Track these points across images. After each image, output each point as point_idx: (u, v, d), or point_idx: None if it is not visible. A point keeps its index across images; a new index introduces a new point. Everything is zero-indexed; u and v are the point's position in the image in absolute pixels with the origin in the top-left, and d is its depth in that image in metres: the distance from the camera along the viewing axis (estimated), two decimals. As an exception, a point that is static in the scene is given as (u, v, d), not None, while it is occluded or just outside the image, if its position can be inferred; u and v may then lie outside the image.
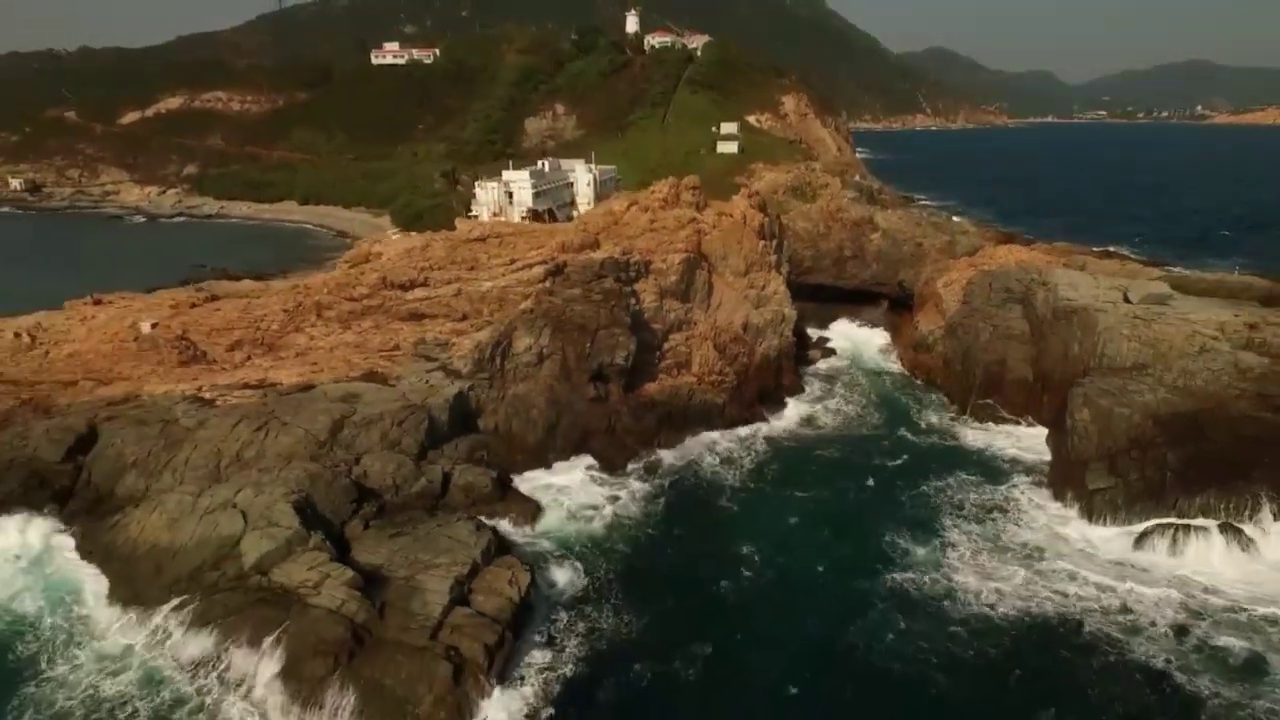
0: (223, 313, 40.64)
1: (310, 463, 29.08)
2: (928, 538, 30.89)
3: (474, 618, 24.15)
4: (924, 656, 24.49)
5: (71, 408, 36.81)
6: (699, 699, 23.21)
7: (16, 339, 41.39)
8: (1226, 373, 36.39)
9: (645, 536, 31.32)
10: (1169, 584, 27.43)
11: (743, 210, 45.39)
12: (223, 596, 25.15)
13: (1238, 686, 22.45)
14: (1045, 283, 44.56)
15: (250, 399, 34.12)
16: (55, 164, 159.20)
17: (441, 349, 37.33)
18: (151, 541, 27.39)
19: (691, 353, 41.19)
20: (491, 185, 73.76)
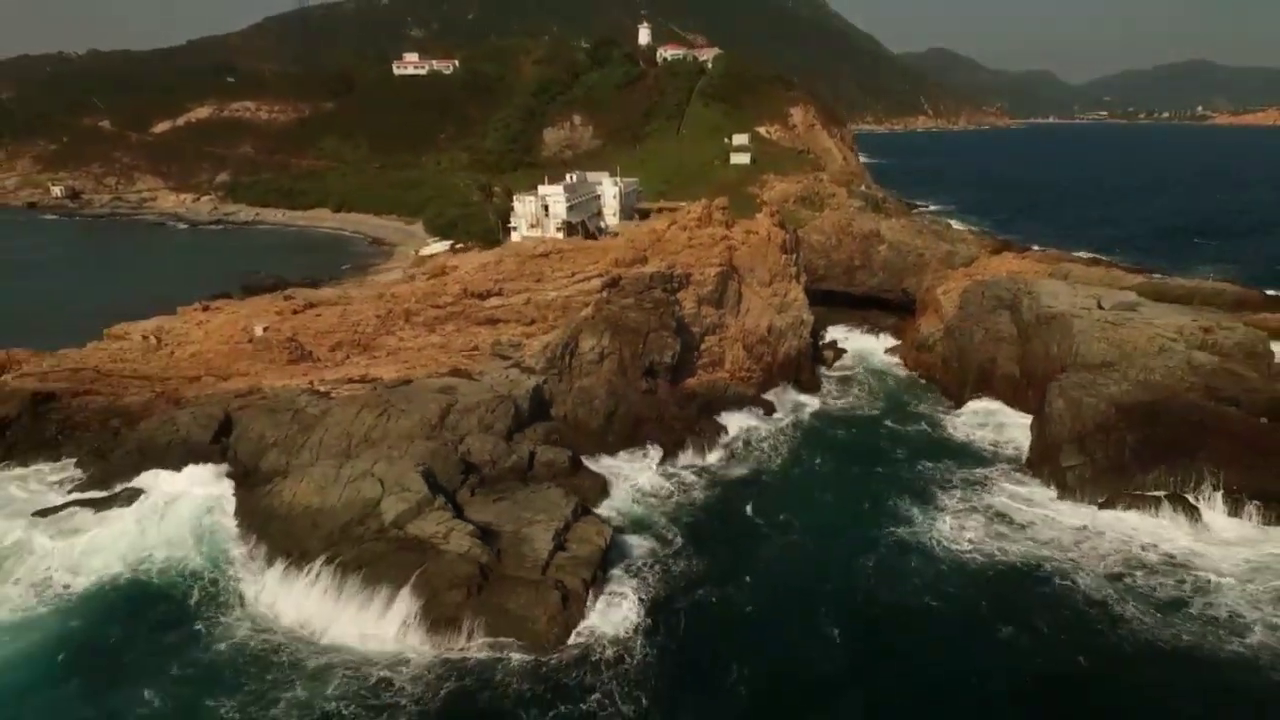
0: (324, 318, 47.34)
1: (426, 441, 35.75)
2: (924, 503, 37.59)
3: (572, 559, 30.85)
4: (915, 588, 31.26)
5: (201, 399, 43.60)
6: (746, 615, 29.91)
7: (145, 340, 48.19)
8: (1180, 369, 43.03)
9: (695, 503, 37.99)
10: (1119, 541, 34.01)
11: (767, 228, 52.05)
12: (370, 545, 31.82)
13: (1157, 615, 29.04)
14: (1030, 292, 51.19)
15: (360, 391, 40.80)
16: (93, 172, 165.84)
17: (515, 349, 44.00)
18: (304, 504, 34.03)
19: (724, 352, 47.86)
20: (529, 199, 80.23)
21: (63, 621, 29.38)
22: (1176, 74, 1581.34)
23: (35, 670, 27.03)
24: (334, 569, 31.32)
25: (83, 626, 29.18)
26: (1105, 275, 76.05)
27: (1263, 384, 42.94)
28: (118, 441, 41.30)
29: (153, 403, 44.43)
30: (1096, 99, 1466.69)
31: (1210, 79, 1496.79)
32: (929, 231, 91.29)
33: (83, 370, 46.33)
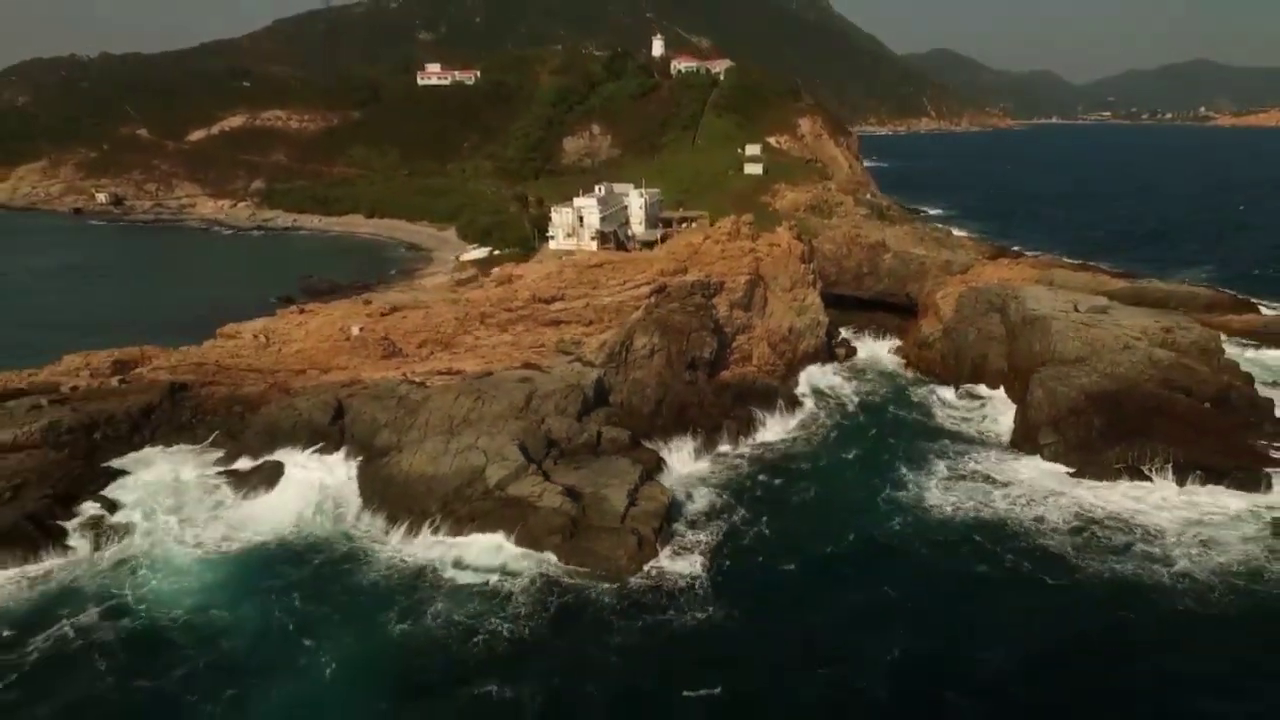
0: (409, 319, 55.16)
1: (516, 421, 43.56)
2: (924, 471, 45.39)
3: (642, 513, 38.63)
4: (911, 536, 39.11)
5: (309, 389, 51.35)
6: (776, 555, 37.65)
7: (255, 339, 56.06)
8: (1142, 363, 50.69)
9: (732, 473, 45.78)
10: (1082, 502, 41.70)
11: (787, 241, 59.81)
12: (479, 503, 39.67)
13: (1107, 555, 36.73)
14: (1017, 297, 58.89)
15: (449, 381, 48.58)
16: (134, 178, 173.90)
17: (576, 346, 51.79)
18: (420, 472, 41.84)
19: (752, 349, 55.64)
20: (565, 210, 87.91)
21: (231, 571, 36.85)
22: (1180, 74, 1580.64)
23: (223, 600, 34.61)
24: (452, 521, 39.22)
25: (249, 573, 36.60)
26: (1091, 280, 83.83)
27: (1211, 376, 50.63)
28: (245, 424, 49.05)
29: (267, 392, 52.21)
30: (1100, 99, 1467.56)
31: (1214, 79, 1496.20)
32: (930, 239, 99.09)
33: (205, 364, 54.19)
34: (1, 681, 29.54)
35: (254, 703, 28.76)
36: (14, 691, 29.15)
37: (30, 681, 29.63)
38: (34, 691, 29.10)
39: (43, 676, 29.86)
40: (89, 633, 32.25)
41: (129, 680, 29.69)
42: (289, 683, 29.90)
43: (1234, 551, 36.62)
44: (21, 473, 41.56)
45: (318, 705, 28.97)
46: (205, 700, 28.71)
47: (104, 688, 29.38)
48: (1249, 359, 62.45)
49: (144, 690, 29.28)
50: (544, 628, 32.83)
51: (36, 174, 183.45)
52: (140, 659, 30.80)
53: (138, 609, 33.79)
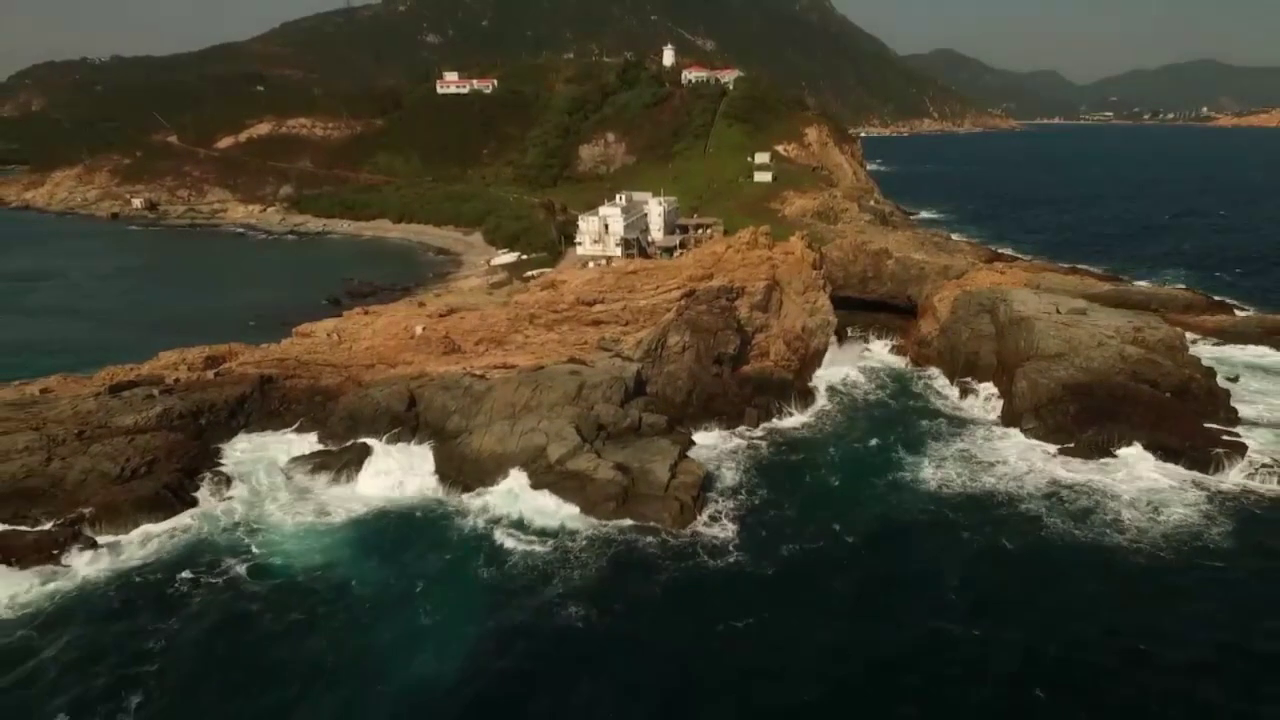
0: (466, 320, 62.26)
1: (570, 407, 50.65)
2: (921, 452, 52.31)
3: (681, 484, 45.67)
4: (907, 505, 46.00)
5: (381, 381, 58.40)
6: (791, 521, 44.44)
7: (328, 337, 63.22)
8: (1114, 358, 57.63)
9: (754, 453, 52.76)
10: (1056, 477, 48.67)
11: (800, 249, 66.84)
12: (542, 476, 46.74)
13: (1071, 520, 43.60)
14: (1005, 300, 65.85)
15: (507, 374, 55.62)
16: (166, 184, 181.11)
17: (615, 344, 58.86)
18: (489, 451, 48.94)
19: (770, 346, 62.65)
20: (592, 218, 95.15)
21: (337, 533, 43.83)
22: (1183, 74, 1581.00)
23: (336, 557, 41.69)
24: (520, 491, 46.29)
25: (352, 535, 43.55)
26: (1079, 283, 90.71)
27: (1174, 370, 57.54)
28: (327, 412, 56.18)
29: (343, 384, 59.33)
30: (1103, 99, 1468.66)
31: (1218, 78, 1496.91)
32: (930, 244, 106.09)
33: (287, 359, 61.33)
34: (169, 611, 36.60)
35: (378, 634, 35.69)
36: (175, 619, 36.11)
37: (186, 610, 36.66)
38: (189, 619, 36.12)
39: (198, 608, 36.91)
40: (229, 577, 39.28)
41: (265, 614, 36.66)
42: (403, 618, 36.90)
43: (1178, 515, 43.65)
44: (151, 450, 48.72)
45: (427, 635, 35.85)
46: (338, 633, 35.64)
47: (243, 619, 36.34)
48: (1216, 355, 69.50)
49: (283, 621, 36.27)
50: (603, 572, 39.85)
51: (72, 180, 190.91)
52: (276, 597, 37.83)
53: (265, 561, 40.82)
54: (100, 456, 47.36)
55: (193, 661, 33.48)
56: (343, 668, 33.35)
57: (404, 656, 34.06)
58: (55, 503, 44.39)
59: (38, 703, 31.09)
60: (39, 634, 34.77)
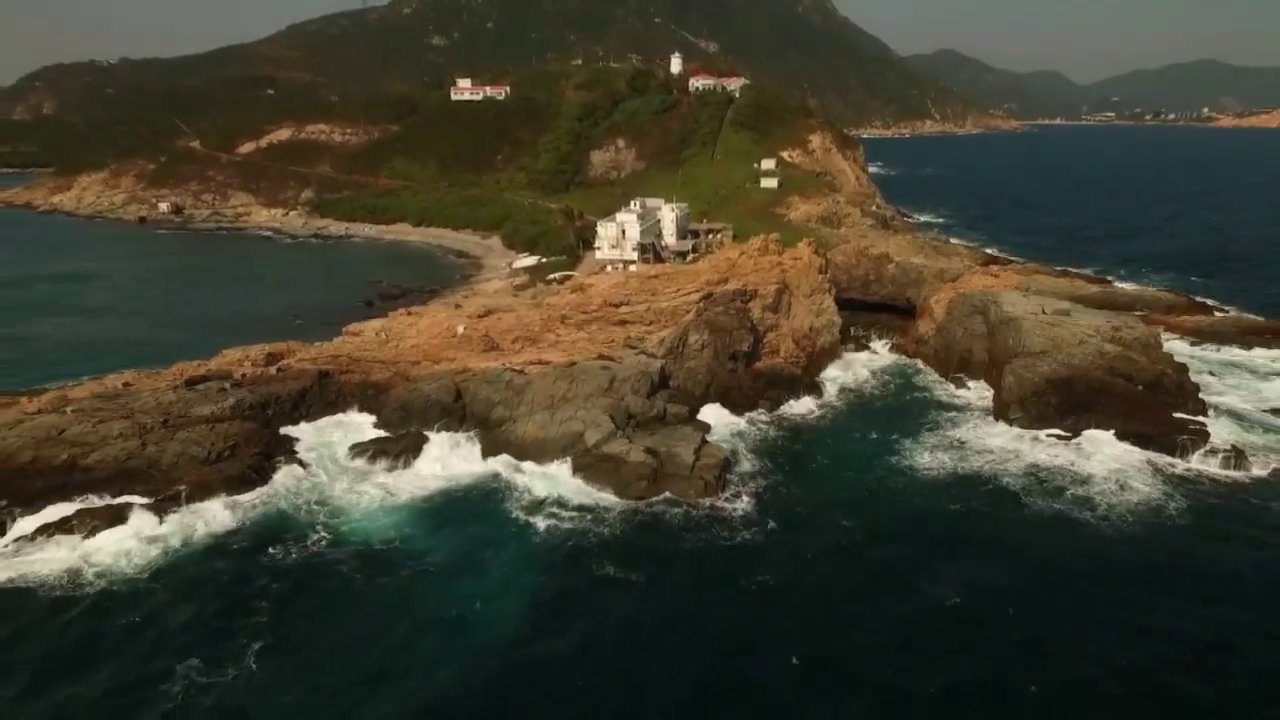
0: (503, 320, 68.22)
1: (603, 398, 56.59)
2: (917, 438, 58.18)
3: (705, 465, 51.55)
4: (904, 485, 51.82)
5: (427, 376, 64.30)
6: (799, 498, 50.29)
7: (377, 335, 69.22)
8: (1093, 355, 63.49)
9: (766, 439, 58.66)
10: (1036, 459, 54.55)
11: (807, 255, 72.75)
12: (579, 458, 52.67)
13: (1048, 495, 49.47)
14: (995, 302, 71.74)
15: (543, 369, 61.52)
16: (191, 189, 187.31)
17: (640, 342, 64.80)
18: (532, 437, 54.87)
19: (780, 344, 68.59)
20: (610, 224, 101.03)
21: (403, 509, 49.64)
22: (1186, 74, 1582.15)
23: (406, 529, 47.61)
24: (563, 473, 52.24)
25: (417, 511, 49.42)
26: (1069, 285, 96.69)
27: (1148, 365, 63.39)
28: (380, 404, 62.18)
29: (392, 379, 65.26)
30: (1104, 100, 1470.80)
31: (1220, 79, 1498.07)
32: (929, 248, 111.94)
33: (340, 356, 67.29)
34: (268, 574, 42.51)
35: (449, 591, 41.41)
36: (274, 580, 41.95)
37: (282, 573, 42.54)
38: (286, 580, 41.98)
39: (292, 571, 42.80)
40: (314, 546, 45.15)
41: (354, 575, 42.57)
42: (469, 578, 42.70)
43: (1142, 493, 49.53)
44: (231, 436, 54.66)
45: (492, 591, 41.61)
46: (415, 590, 41.47)
47: (333, 580, 42.23)
48: (1191, 353, 75.39)
49: (369, 581, 42.16)
50: (638, 540, 45.68)
51: (99, 184, 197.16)
52: (358, 562, 43.71)
53: (343, 532, 46.69)
54: (188, 442, 53.36)
55: (294, 614, 39.38)
56: (423, 619, 39.18)
57: (473, 609, 39.95)
58: (154, 481, 50.35)
59: (163, 646, 36.88)
60: (159, 591, 40.69)
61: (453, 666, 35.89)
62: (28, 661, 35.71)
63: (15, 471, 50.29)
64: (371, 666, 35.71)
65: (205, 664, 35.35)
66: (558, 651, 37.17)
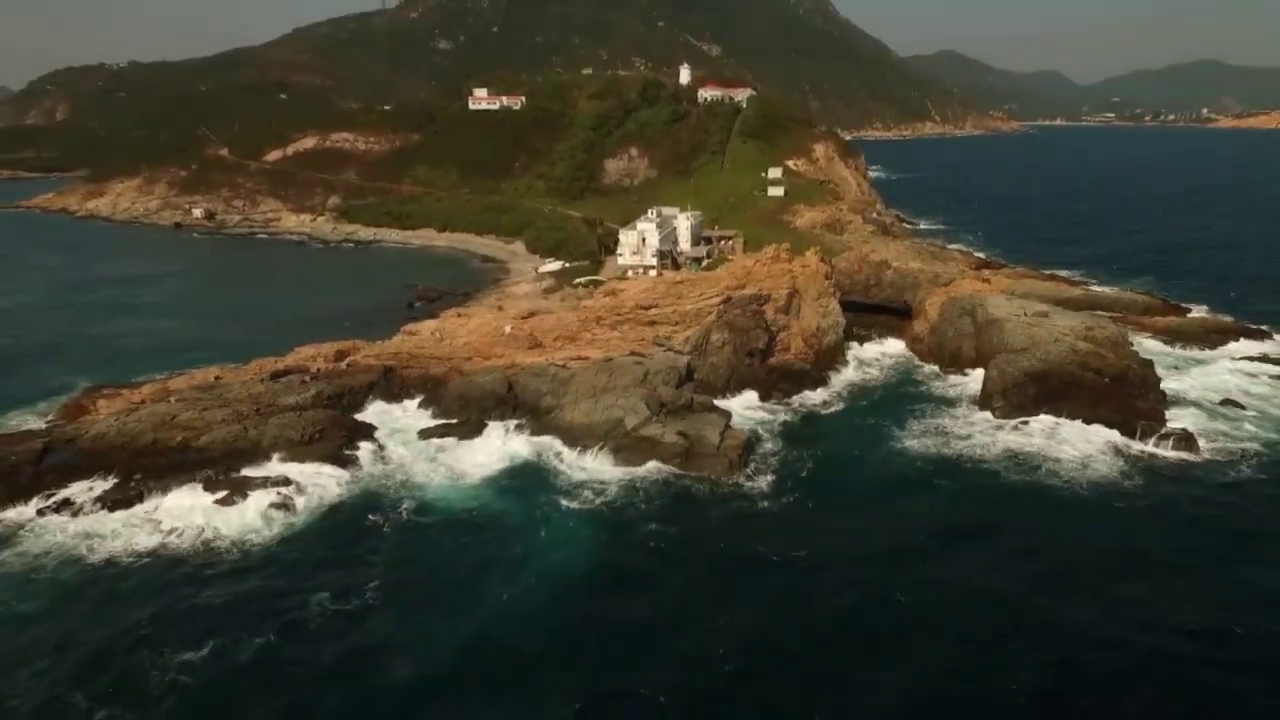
0: (545, 321, 76.81)
1: (639, 388, 65.19)
2: (910, 425, 66.71)
3: (729, 445, 60.12)
4: (897, 463, 60.34)
5: (480, 370, 72.88)
6: (810, 471, 58.87)
7: (432, 335, 77.86)
8: (1067, 352, 71.96)
9: (780, 425, 67.24)
10: (1014, 443, 63.07)
11: (815, 263, 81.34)
12: (622, 441, 61.26)
13: (1023, 473, 57.92)
14: (982, 305, 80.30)
15: (584, 364, 70.08)
16: (222, 195, 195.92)
17: (667, 340, 73.39)
18: (579, 423, 63.43)
19: (790, 343, 77.17)
20: (631, 232, 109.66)
21: (470, 483, 58.18)
22: (1186, 74, 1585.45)
23: (474, 500, 56.18)
24: (606, 452, 60.87)
25: (483, 486, 57.95)
26: (1054, 289, 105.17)
27: (1116, 361, 71.86)
28: (440, 395, 70.76)
29: (448, 373, 73.86)
30: (1105, 100, 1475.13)
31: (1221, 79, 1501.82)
32: (926, 253, 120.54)
33: (400, 353, 76.00)
34: (370, 536, 51.11)
35: (519, 545, 49.94)
36: (377, 541, 50.58)
37: (382, 535, 51.17)
38: (386, 540, 50.60)
39: (390, 533, 51.42)
40: (404, 514, 53.71)
41: (442, 537, 51.16)
42: (533, 536, 51.31)
43: (1102, 469, 58.12)
44: (318, 422, 63.30)
45: (553, 547, 50.04)
46: (491, 546, 50.10)
47: (426, 540, 50.84)
48: (1162, 350, 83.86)
49: (454, 540, 50.73)
50: (672, 508, 54.16)
51: (133, 190, 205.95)
52: (443, 525, 52.33)
53: (425, 503, 55.28)
54: (282, 426, 62.04)
55: (399, 561, 48.00)
56: (500, 566, 47.78)
57: (541, 557, 48.55)
58: (259, 460, 59.04)
59: (298, 586, 45.44)
60: (287, 548, 49.32)
61: (528, 599, 44.58)
62: (191, 602, 44.35)
63: (141, 451, 59.12)
64: (463, 602, 44.34)
65: (334, 597, 44.09)
66: (612, 590, 45.72)
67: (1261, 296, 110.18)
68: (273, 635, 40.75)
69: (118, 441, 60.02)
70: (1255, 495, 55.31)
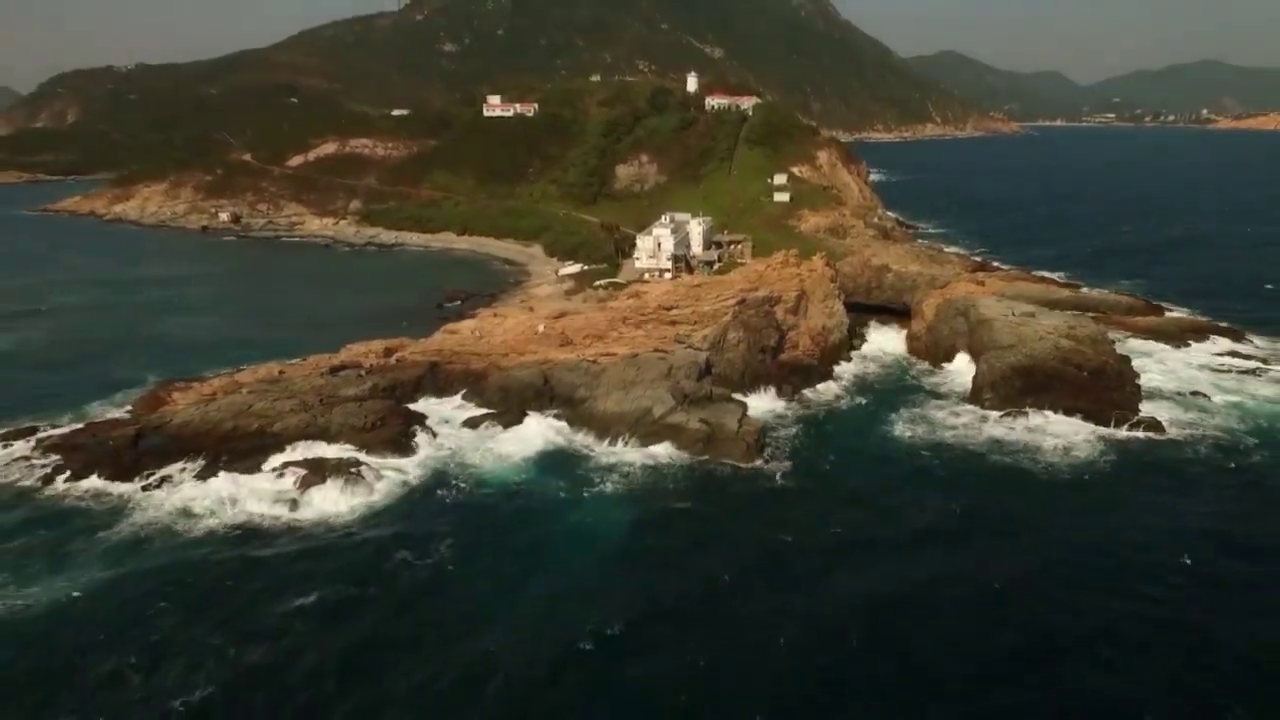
0: (575, 321, 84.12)
1: (664, 380, 72.52)
2: (906, 414, 73.98)
3: (747, 431, 67.41)
4: (892, 447, 67.67)
5: (517, 365, 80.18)
6: (818, 453, 66.21)
7: (472, 333, 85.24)
8: (1050, 349, 79.22)
9: (791, 414, 74.55)
10: (998, 431, 70.33)
11: (821, 267, 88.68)
12: (650, 427, 68.60)
13: (1007, 458, 65.31)
14: (974, 305, 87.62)
15: (612, 359, 77.39)
16: (247, 199, 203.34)
17: (687, 338, 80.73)
18: (611, 412, 70.72)
19: (799, 340, 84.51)
20: (647, 237, 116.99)
21: (516, 465, 65.52)
22: (1187, 74, 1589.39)
23: (522, 478, 63.55)
24: (635, 437, 68.23)
25: (526, 467, 65.31)
26: (1044, 290, 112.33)
27: (1094, 357, 79.13)
28: (481, 388, 78.05)
29: (487, 368, 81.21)
30: (1106, 100, 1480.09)
31: (1222, 79, 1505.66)
32: (924, 257, 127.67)
33: (443, 350, 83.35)
34: (442, 507, 58.47)
35: (563, 518, 57.26)
36: (448, 510, 57.96)
37: (451, 506, 58.54)
38: (455, 511, 57.98)
39: (456, 504, 58.80)
40: (466, 490, 61.11)
41: (500, 506, 58.54)
42: (578, 507, 58.57)
43: (1080, 453, 65.39)
44: (378, 411, 70.61)
45: (596, 515, 57.29)
46: (541, 515, 57.40)
47: (488, 511, 58.20)
48: (1142, 347, 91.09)
49: (510, 508, 58.11)
50: (696, 488, 61.40)
51: (160, 195, 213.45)
52: (499, 498, 59.70)
53: (481, 479, 62.65)
54: (347, 415, 69.38)
55: (464, 526, 55.36)
56: (551, 531, 55.18)
57: (585, 525, 55.92)
58: (328, 444, 66.37)
59: (381, 548, 52.75)
60: (368, 517, 56.64)
61: (576, 559, 52.02)
62: (293, 558, 51.71)
63: (223, 436, 66.55)
64: (522, 560, 51.69)
65: (413, 554, 51.50)
66: (645, 550, 53.02)
67: (1235, 298, 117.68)
68: (372, 588, 48.19)
69: (202, 428, 67.44)
70: (1214, 470, 62.86)
